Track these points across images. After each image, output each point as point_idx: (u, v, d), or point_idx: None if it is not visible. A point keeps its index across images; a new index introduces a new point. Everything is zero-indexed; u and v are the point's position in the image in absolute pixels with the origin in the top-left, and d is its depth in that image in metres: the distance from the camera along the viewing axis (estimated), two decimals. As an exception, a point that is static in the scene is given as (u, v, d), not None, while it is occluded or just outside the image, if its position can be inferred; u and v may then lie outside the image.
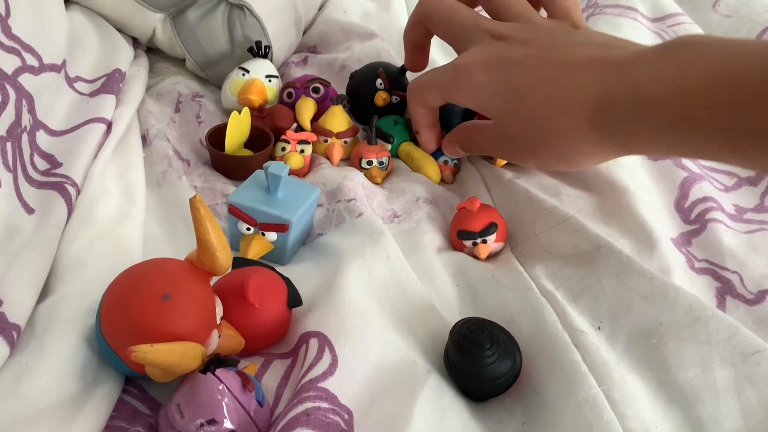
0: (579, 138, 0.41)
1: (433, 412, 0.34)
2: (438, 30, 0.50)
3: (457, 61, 0.46)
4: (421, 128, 0.53)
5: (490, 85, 0.43)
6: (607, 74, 0.38)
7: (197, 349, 0.32)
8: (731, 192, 0.54)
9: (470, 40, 0.46)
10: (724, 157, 0.35)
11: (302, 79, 0.60)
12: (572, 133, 0.41)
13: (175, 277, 0.33)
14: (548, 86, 0.41)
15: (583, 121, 0.40)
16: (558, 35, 0.43)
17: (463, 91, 0.45)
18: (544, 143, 0.42)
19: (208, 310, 0.34)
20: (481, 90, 0.44)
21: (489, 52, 0.44)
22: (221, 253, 0.33)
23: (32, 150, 0.44)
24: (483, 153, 0.51)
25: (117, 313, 0.32)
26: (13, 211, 0.40)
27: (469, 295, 0.43)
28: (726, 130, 0.33)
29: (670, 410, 0.35)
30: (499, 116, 0.45)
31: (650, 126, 0.36)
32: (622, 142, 0.39)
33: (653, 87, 0.36)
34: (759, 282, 0.44)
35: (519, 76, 0.42)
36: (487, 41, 0.45)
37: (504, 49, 0.44)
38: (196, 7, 0.62)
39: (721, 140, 0.34)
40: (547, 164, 0.48)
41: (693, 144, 0.35)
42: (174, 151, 0.52)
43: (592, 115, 0.39)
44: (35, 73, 0.47)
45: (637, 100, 0.36)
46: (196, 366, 0.32)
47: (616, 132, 0.39)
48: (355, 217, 0.46)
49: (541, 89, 0.41)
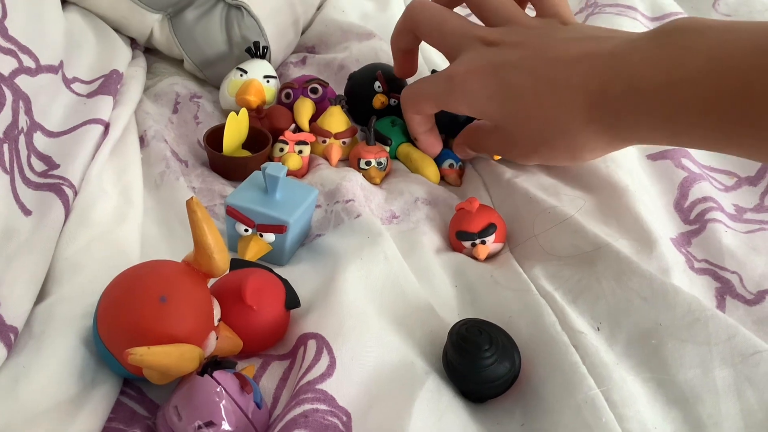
0: (580, 133, 0.41)
1: (431, 413, 0.33)
2: (427, 38, 0.50)
3: (450, 70, 0.46)
4: (419, 134, 0.54)
5: (487, 90, 0.43)
6: (601, 67, 0.39)
7: (195, 351, 0.32)
8: (731, 192, 0.54)
9: (461, 47, 0.46)
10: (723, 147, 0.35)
11: (300, 80, 0.59)
12: (573, 128, 0.41)
13: (172, 279, 0.33)
14: (545, 85, 0.41)
15: (582, 116, 0.40)
16: (549, 34, 0.43)
17: (459, 100, 0.46)
18: (547, 141, 0.43)
19: (205, 312, 0.33)
20: (478, 96, 0.44)
21: (482, 58, 0.44)
22: (218, 255, 0.33)
23: (29, 151, 0.44)
24: (490, 154, 0.52)
25: (114, 315, 0.32)
26: (10, 213, 0.39)
27: (468, 296, 0.43)
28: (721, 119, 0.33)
29: (670, 411, 0.35)
30: (498, 119, 0.45)
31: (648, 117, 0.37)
32: (622, 134, 0.39)
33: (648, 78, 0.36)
34: (759, 282, 0.44)
35: (515, 78, 0.42)
36: (478, 48, 0.45)
37: (496, 54, 0.44)
38: (194, 7, 0.62)
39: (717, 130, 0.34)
40: (551, 161, 0.48)
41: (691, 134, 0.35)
42: (172, 152, 0.52)
43: (590, 110, 0.39)
44: (32, 74, 0.47)
45: (633, 92, 0.37)
46: (193, 368, 0.32)
47: (616, 124, 0.39)
48: (353, 218, 0.46)
49: (538, 88, 0.41)
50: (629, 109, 0.37)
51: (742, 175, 0.55)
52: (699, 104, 0.34)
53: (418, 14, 0.50)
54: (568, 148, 0.43)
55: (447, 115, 0.55)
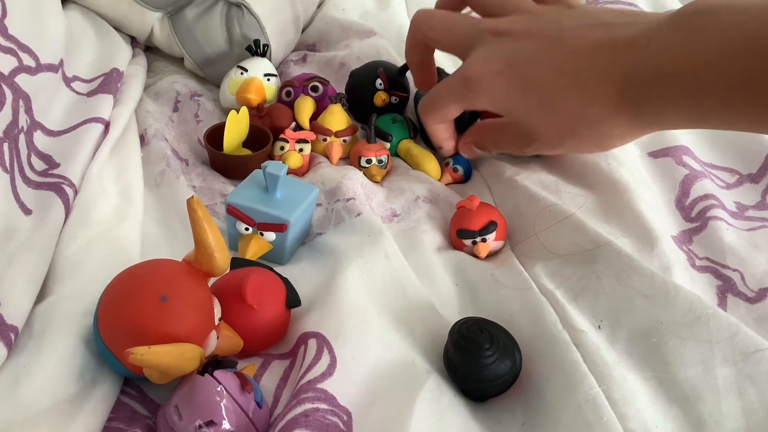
0: (607, 122, 0.41)
1: (432, 412, 0.33)
2: (439, 44, 0.50)
3: (464, 70, 0.45)
4: (443, 142, 0.53)
5: (507, 86, 0.43)
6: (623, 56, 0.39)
7: (195, 350, 0.32)
8: (732, 189, 0.54)
9: (473, 43, 0.46)
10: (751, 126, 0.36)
11: (301, 78, 0.59)
12: (600, 118, 0.41)
13: (172, 278, 0.33)
14: (567, 78, 0.41)
15: (609, 106, 0.40)
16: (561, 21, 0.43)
17: (481, 98, 0.45)
18: (573, 132, 0.43)
19: (205, 311, 0.33)
20: (498, 92, 0.44)
21: (495, 52, 0.44)
22: (219, 254, 0.33)
23: (29, 150, 0.44)
24: (506, 151, 0.51)
25: (114, 315, 0.32)
26: (11, 212, 0.39)
27: (469, 294, 0.43)
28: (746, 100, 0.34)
29: (671, 410, 0.34)
30: (521, 114, 0.44)
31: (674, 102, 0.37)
32: (649, 119, 0.40)
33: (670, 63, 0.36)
34: (760, 280, 0.44)
35: (535, 71, 0.42)
36: (490, 41, 0.45)
37: (510, 47, 0.43)
38: (195, 5, 0.62)
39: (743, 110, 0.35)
40: (577, 151, 0.48)
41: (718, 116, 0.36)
42: (172, 151, 0.52)
43: (616, 99, 0.40)
44: (32, 73, 0.46)
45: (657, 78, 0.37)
46: (194, 367, 0.32)
47: (643, 111, 0.39)
48: (354, 217, 0.46)
49: (560, 82, 0.41)
50: (655, 97, 0.38)
51: (744, 172, 0.55)
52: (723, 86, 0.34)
53: (425, 23, 0.49)
54: (597, 137, 0.43)
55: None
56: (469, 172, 0.55)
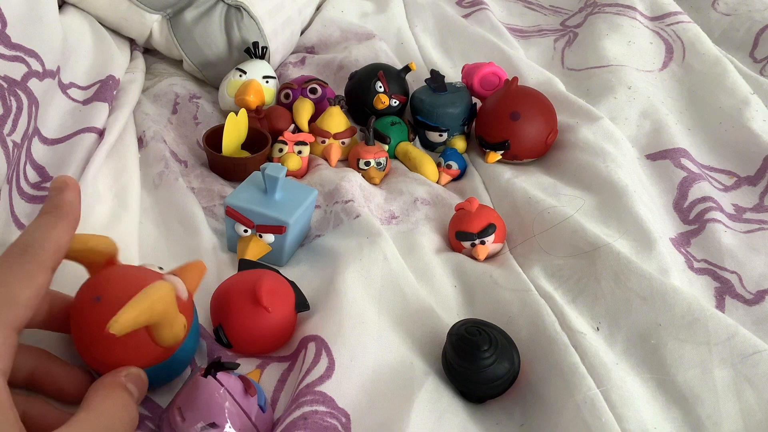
0: None
1: (431, 413, 0.33)
2: None
3: None
4: None
5: None
6: None
7: (162, 288, 0.30)
8: (730, 192, 0.54)
9: None
10: None
11: (300, 80, 0.59)
12: None
13: (102, 281, 0.32)
14: None
15: None
16: None
17: None
18: None
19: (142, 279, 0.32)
20: None
21: None
22: (94, 241, 0.33)
23: (27, 159, 0.44)
24: None
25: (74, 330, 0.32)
26: (6, 226, 0.39)
27: (468, 296, 0.43)
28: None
29: (669, 411, 0.35)
30: None
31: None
32: None
33: None
34: (758, 282, 0.44)
35: None
36: None
37: None
38: (193, 8, 0.62)
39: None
40: None
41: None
42: (171, 153, 0.52)
43: None
44: (40, 78, 0.46)
45: None
46: (174, 308, 0.31)
47: None
48: (352, 219, 0.46)
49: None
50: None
51: (742, 174, 0.55)
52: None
53: None
54: None
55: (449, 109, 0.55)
56: (464, 167, 0.55)
